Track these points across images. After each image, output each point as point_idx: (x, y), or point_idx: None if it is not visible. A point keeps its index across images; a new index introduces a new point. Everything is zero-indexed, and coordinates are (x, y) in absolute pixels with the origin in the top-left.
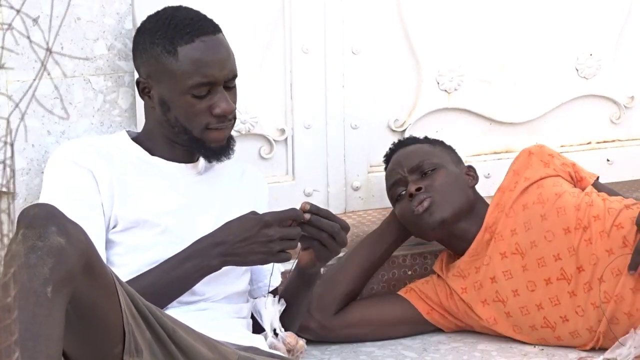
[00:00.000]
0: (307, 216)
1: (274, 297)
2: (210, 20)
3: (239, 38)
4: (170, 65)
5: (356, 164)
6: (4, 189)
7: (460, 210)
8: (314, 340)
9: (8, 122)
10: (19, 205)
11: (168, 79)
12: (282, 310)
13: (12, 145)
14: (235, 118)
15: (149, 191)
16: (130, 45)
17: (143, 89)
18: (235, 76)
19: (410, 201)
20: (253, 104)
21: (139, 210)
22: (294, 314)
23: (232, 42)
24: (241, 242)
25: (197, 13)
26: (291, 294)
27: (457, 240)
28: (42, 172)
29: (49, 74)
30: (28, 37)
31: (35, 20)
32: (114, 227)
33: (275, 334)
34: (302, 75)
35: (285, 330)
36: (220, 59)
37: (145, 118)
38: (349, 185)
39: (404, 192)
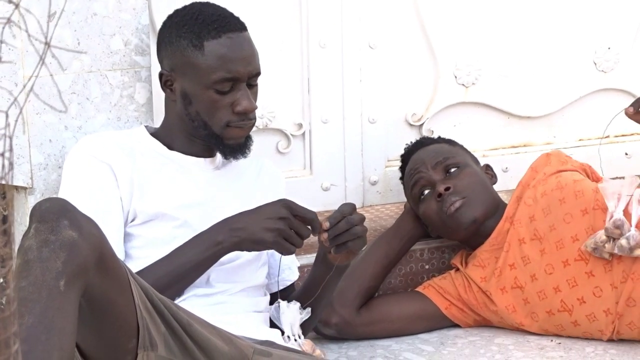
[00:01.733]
0: (325, 235)
1: (297, 303)
2: (237, 18)
3: (256, 33)
4: (196, 59)
5: (374, 159)
6: (3, 181)
7: (489, 208)
8: (333, 338)
9: (7, 115)
10: (36, 200)
11: (192, 72)
12: (304, 319)
13: (10, 138)
14: (255, 118)
15: (167, 185)
16: (146, 40)
17: (165, 82)
18: (258, 74)
19: (439, 201)
20: (270, 98)
21: (158, 203)
22: (317, 309)
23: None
24: (252, 216)
25: (225, 10)
26: (318, 281)
27: (479, 238)
28: (60, 167)
29: (64, 69)
30: (26, 31)
31: (51, 16)
32: (132, 221)
33: (294, 339)
34: (319, 70)
35: (304, 329)
36: (246, 56)
37: (165, 112)
38: (367, 179)
39: (427, 192)
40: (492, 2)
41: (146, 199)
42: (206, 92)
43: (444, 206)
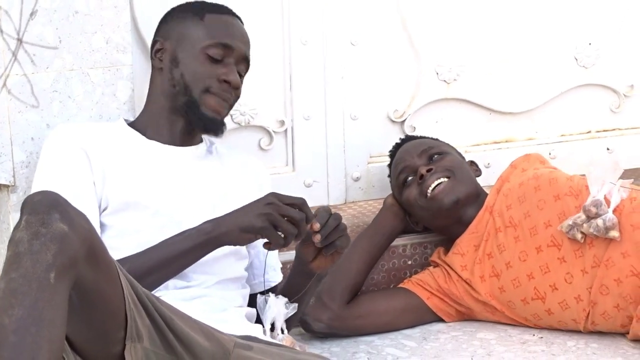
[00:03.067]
0: (318, 237)
1: (284, 298)
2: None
3: None
4: (194, 26)
5: (356, 155)
6: None
7: (471, 192)
8: (322, 335)
9: None
10: (19, 199)
11: (188, 37)
12: (290, 314)
13: None
14: (237, 97)
15: (140, 173)
16: (128, 38)
17: (156, 51)
18: (248, 63)
19: (420, 184)
20: (252, 95)
21: (129, 192)
22: (297, 309)
23: None
24: (241, 209)
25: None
26: (297, 290)
27: (460, 226)
28: None
29: (47, 67)
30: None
31: (32, 14)
32: (104, 209)
33: (272, 331)
34: (301, 67)
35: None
36: (242, 37)
37: (148, 94)
38: (349, 176)
39: (411, 178)
40: None
41: (118, 186)
42: (197, 55)
43: (424, 188)
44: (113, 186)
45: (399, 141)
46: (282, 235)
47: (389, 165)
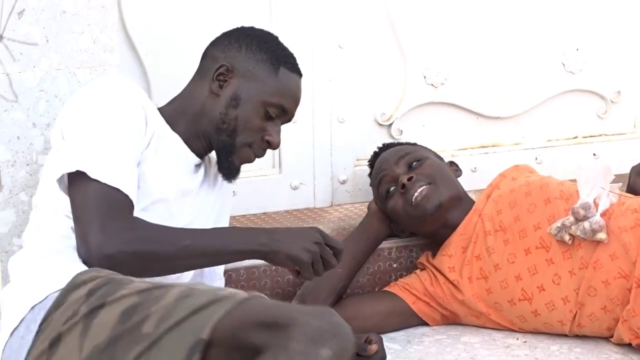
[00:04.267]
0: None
1: None
2: None
3: None
4: (268, 76)
5: (343, 158)
6: None
7: (453, 195)
8: None
9: None
10: (4, 197)
11: (257, 83)
12: None
13: None
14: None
15: (160, 163)
16: (115, 38)
17: (219, 75)
18: (289, 122)
19: (403, 193)
20: None
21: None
22: None
23: None
24: (289, 234)
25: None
26: None
27: (447, 230)
28: (28, 165)
29: (34, 66)
30: None
31: (20, 14)
32: None
33: None
34: None
35: None
36: (298, 102)
37: (188, 97)
38: (336, 178)
39: (392, 188)
40: (462, 3)
41: (150, 173)
42: (257, 107)
43: (408, 196)
44: (146, 158)
45: (377, 150)
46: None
47: (370, 175)
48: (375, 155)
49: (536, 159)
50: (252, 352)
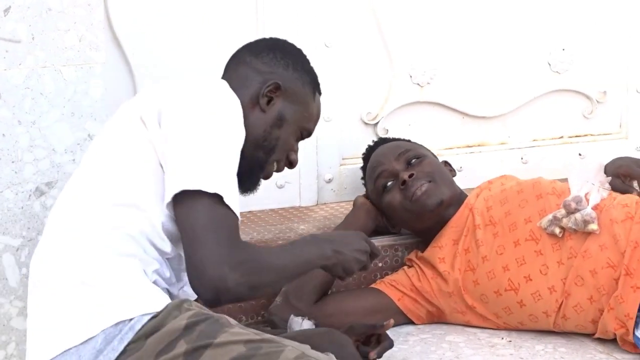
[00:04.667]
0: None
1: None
2: None
3: (213, 32)
4: (309, 100)
5: (328, 157)
6: None
7: (454, 193)
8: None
9: None
10: None
11: (300, 107)
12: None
13: None
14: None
15: None
16: (101, 36)
17: (270, 91)
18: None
19: (402, 189)
20: None
21: None
22: None
23: (207, 37)
24: (344, 241)
25: None
26: None
27: (440, 226)
28: (13, 162)
29: (19, 64)
30: None
31: (6, 11)
32: None
33: None
34: None
35: None
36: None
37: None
38: (321, 177)
39: (390, 183)
40: (449, 3)
41: None
42: (296, 130)
43: (409, 192)
44: None
45: (371, 144)
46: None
47: (362, 168)
48: (370, 149)
49: (522, 158)
50: None
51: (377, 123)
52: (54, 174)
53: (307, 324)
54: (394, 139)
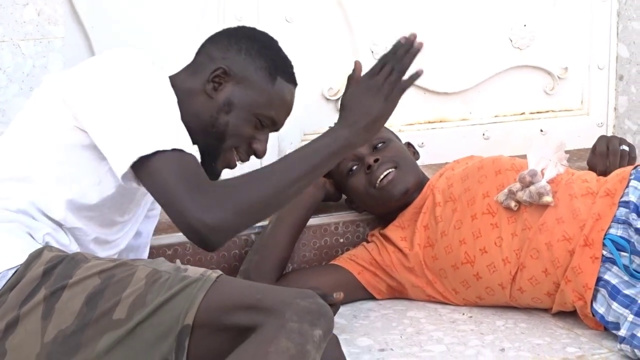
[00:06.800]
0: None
1: None
2: None
3: (175, 8)
4: (264, 85)
5: (289, 132)
6: None
7: (418, 180)
8: None
9: None
10: None
11: (252, 92)
12: None
13: None
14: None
15: None
16: (60, 10)
17: (215, 77)
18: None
19: (368, 173)
20: None
21: None
22: None
23: (167, 12)
24: (363, 103)
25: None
26: None
27: (403, 208)
28: None
29: None
30: None
31: None
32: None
33: None
34: None
35: None
36: (290, 113)
37: (181, 89)
38: (282, 153)
39: (356, 167)
40: None
41: None
42: (249, 116)
43: (373, 177)
44: None
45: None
46: None
47: None
48: None
49: (483, 134)
50: (239, 331)
51: (338, 99)
52: None
53: None
54: None
